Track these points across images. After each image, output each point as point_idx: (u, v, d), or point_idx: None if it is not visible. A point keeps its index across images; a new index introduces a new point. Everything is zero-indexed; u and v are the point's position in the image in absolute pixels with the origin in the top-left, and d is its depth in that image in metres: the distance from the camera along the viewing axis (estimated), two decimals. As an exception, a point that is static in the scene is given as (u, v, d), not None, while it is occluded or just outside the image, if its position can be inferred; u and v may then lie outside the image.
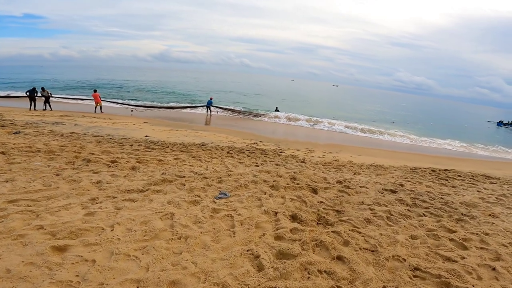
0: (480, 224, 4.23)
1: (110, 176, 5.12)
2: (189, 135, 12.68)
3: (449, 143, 18.27)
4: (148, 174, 5.43)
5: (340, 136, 18.27)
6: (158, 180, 4.96)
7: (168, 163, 6.63)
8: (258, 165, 7.14)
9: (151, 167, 6.11)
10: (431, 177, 8.14)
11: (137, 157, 6.77)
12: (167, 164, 6.55)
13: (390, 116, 34.81)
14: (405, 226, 3.99)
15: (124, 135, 10.38)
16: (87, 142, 8.16)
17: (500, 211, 5.00)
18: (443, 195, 5.95)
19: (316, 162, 8.65)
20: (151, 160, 6.66)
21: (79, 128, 11.35)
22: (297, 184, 5.50)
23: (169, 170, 5.86)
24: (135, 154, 7.18)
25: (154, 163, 6.48)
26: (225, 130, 15.68)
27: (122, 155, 6.78)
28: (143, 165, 6.15)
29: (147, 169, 5.82)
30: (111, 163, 5.98)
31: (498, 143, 21.64)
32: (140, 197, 4.21)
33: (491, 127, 38.70)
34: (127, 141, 9.05)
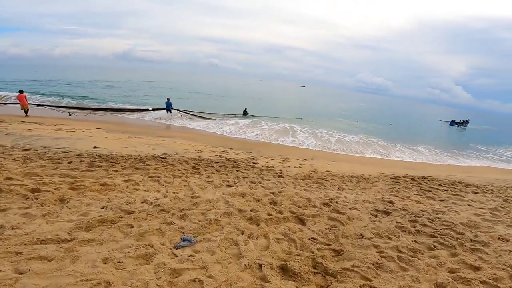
0: (500, 254, 3.59)
1: (21, 216, 3.66)
2: (149, 143, 11.14)
3: (410, 147, 18.24)
4: (80, 210, 4.03)
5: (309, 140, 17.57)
6: (94, 221, 3.63)
7: (115, 188, 5.19)
8: (230, 184, 5.99)
9: (89, 196, 4.65)
10: (414, 188, 7.62)
11: (72, 181, 5.21)
12: (113, 190, 5.11)
13: (356, 117, 35.47)
14: (424, 269, 3.17)
15: (65, 147, 8.61)
16: (10, 160, 6.41)
17: (505, 232, 4.46)
18: (438, 213, 5.37)
19: (295, 175, 7.72)
20: (91, 184, 5.15)
21: (10, 139, 9.32)
22: (279, 212, 4.50)
23: (113, 201, 4.49)
24: (71, 176, 5.61)
25: (95, 189, 5.01)
26: (192, 136, 14.29)
27: (52, 179, 5.20)
28: (78, 194, 4.69)
29: (82, 201, 4.38)
30: (30, 193, 4.44)
31: (453, 145, 22.57)
32: (60, 252, 2.90)
33: (444, 127, 41.11)
34: (66, 156, 7.38)
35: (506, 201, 6.76)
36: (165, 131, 15.79)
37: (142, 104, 24.69)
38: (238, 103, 31.75)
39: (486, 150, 22.23)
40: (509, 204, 6.38)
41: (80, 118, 16.87)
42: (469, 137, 31.85)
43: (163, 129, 16.47)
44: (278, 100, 49.76)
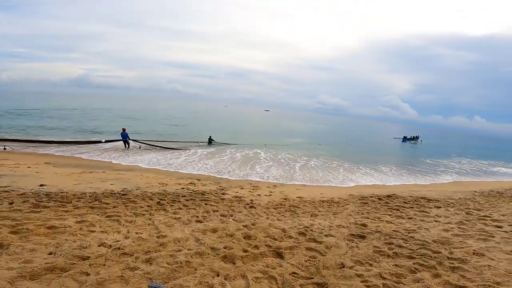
0: (481, 271, 3.61)
1: None
2: (107, 178, 10.24)
3: (373, 168, 18.92)
4: (22, 257, 3.40)
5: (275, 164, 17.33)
6: (40, 268, 3.06)
7: (65, 231, 4.52)
8: (200, 219, 5.55)
9: (33, 241, 3.98)
10: (382, 207, 7.76)
11: (13, 224, 4.47)
12: (62, 233, 4.44)
13: (318, 139, 36.73)
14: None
15: (7, 186, 7.54)
16: None
17: (478, 246, 4.57)
18: (410, 232, 5.42)
19: (266, 204, 7.48)
20: (37, 228, 4.44)
21: None
22: (255, 247, 4.18)
23: (63, 245, 3.88)
24: (12, 218, 4.81)
25: (41, 233, 4.32)
26: (154, 169, 13.50)
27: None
28: (20, 239, 4.00)
29: (24, 247, 3.73)
30: None
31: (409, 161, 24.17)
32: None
33: (398, 143, 44.13)
34: (7, 195, 6.43)
35: (468, 213, 7.11)
36: (124, 164, 14.71)
37: (98, 134, 22.73)
38: (203, 130, 31.31)
39: (437, 163, 24.12)
40: (472, 217, 6.70)
41: (23, 151, 15.19)
42: (421, 151, 34.59)
43: (120, 162, 15.35)
44: (243, 125, 49.96)
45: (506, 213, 7.18)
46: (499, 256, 4.06)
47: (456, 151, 40.16)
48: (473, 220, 6.35)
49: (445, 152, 36.71)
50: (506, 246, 4.50)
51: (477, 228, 5.66)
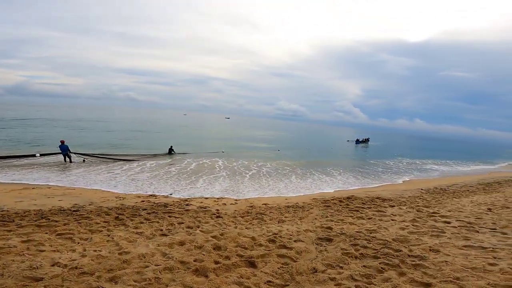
0: (440, 267, 3.86)
1: None
2: (54, 193, 9.25)
3: (326, 171, 19.72)
4: None
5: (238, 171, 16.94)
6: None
7: (11, 251, 3.99)
8: (165, 233, 5.24)
9: (-28, 267, 3.46)
10: (344, 209, 8.11)
11: None
12: (7, 253, 3.91)
13: (276, 144, 37.49)
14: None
15: None
16: None
17: (433, 243, 4.94)
18: (371, 232, 5.71)
19: (233, 213, 7.35)
20: None
21: None
22: (226, 258, 4.06)
23: (10, 266, 3.40)
24: None
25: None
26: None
27: None
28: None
29: None
30: None
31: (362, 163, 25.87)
32: None
33: (351, 146, 46.89)
34: None
35: (419, 211, 7.72)
36: (73, 177, 13.26)
37: (37, 147, 19.18)
38: (162, 140, 30.00)
39: (388, 164, 26.11)
40: (423, 214, 7.28)
41: None
42: (372, 153, 37.27)
43: (71, 174, 13.82)
44: (204, 134, 48.87)
45: (451, 209, 7.94)
46: (454, 251, 4.44)
47: (398, 151, 44.19)
48: (424, 217, 6.90)
49: (391, 152, 40.55)
50: (457, 241, 4.94)
51: (429, 225, 6.16)
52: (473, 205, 8.74)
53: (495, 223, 6.37)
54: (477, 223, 6.31)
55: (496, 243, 4.87)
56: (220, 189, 11.75)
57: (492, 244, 4.77)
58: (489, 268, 3.73)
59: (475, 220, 6.59)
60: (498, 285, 3.22)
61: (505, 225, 6.21)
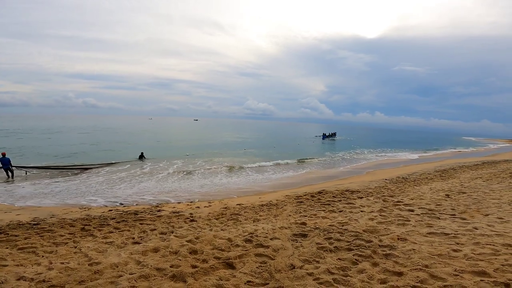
0: (408, 255, 4.08)
1: None
2: (11, 208, 8.48)
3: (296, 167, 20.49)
4: None
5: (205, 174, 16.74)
6: None
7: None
8: (137, 241, 5.01)
9: None
10: (316, 204, 8.31)
11: None
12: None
13: (243, 144, 37.53)
14: (361, 286, 3.28)
15: None
16: None
17: (400, 232, 5.21)
18: (343, 225, 5.91)
19: (207, 215, 7.22)
20: None
21: None
22: (204, 261, 4.00)
23: None
24: None
25: None
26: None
27: None
28: None
29: None
30: None
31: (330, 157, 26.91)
32: None
33: (318, 141, 48.27)
34: None
35: (385, 201, 8.13)
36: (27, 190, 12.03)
37: None
38: (129, 147, 28.57)
39: (352, 156, 27.68)
40: (388, 204, 7.68)
41: None
42: (339, 147, 38.83)
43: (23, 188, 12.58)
44: (171, 137, 47.27)
45: (413, 197, 8.48)
46: (419, 239, 4.73)
47: (362, 143, 46.82)
48: (390, 207, 7.30)
49: (356, 144, 43.22)
50: (422, 229, 5.28)
51: (395, 214, 6.52)
52: (432, 192, 9.39)
53: (454, 208, 6.90)
54: (438, 210, 6.79)
55: (457, 228, 5.27)
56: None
57: (454, 230, 5.15)
58: (453, 254, 4.02)
59: (435, 207, 7.09)
60: (465, 271, 3.46)
61: (463, 210, 6.75)
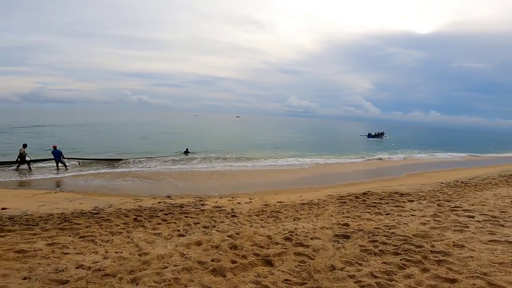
0: (465, 262, 3.71)
1: None
2: (75, 197, 9.56)
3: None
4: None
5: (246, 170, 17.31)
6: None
7: (36, 254, 4.14)
8: (182, 233, 5.31)
9: (3, 266, 3.65)
10: (361, 205, 7.96)
11: None
12: (33, 256, 4.07)
13: (276, 141, 37.54)
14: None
15: (-39, 214, 6.82)
16: None
17: (456, 238, 4.76)
18: (390, 228, 5.56)
19: (248, 212, 7.36)
20: (4, 253, 4.09)
21: None
22: (243, 257, 4.06)
23: (37, 269, 3.53)
24: (-26, 246, 4.39)
25: (10, 257, 3.96)
26: (123, 184, 12.73)
27: None
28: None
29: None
30: None
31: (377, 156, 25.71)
32: None
33: (362, 140, 46.05)
34: (-36, 223, 5.81)
35: (440, 205, 7.48)
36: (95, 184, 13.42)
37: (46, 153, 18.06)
38: (177, 142, 30.40)
39: (401, 156, 26.28)
40: (444, 208, 7.04)
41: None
42: (385, 146, 36.76)
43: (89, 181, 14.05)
44: (213, 134, 49.23)
45: (474, 203, 7.66)
46: (479, 246, 4.27)
47: (414, 144, 43.30)
48: (446, 212, 6.68)
49: (407, 145, 40.02)
50: (482, 236, 4.76)
51: (451, 220, 5.95)
52: (496, 198, 8.40)
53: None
54: (502, 217, 6.05)
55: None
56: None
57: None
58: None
59: (499, 214, 6.32)
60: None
61: (532, 218, 5.94)
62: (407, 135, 76.42)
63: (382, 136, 52.48)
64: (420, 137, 75.62)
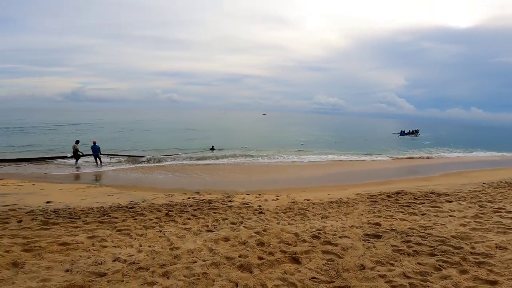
0: (508, 264, 3.47)
1: None
2: (112, 192, 10.14)
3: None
4: (39, 275, 3.31)
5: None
6: (59, 287, 2.94)
7: (78, 247, 4.43)
8: (210, 229, 5.44)
9: (47, 258, 3.91)
10: (393, 205, 7.64)
11: (25, 242, 4.42)
12: (75, 249, 4.35)
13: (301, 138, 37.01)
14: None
15: (14, 204, 7.45)
16: None
17: (499, 240, 4.43)
18: (426, 229, 5.28)
19: (275, 209, 7.35)
20: (49, 245, 4.37)
21: None
22: (270, 254, 4.07)
23: (78, 262, 3.78)
24: (23, 236, 4.77)
25: (54, 249, 4.25)
26: (158, 178, 13.35)
27: (0, 241, 4.40)
28: (34, 257, 3.92)
29: (40, 264, 3.64)
30: None
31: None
32: None
33: (394, 138, 43.98)
34: (15, 214, 6.36)
35: (482, 206, 6.97)
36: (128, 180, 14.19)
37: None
38: (203, 138, 31.32)
39: (438, 155, 24.94)
40: (486, 210, 6.56)
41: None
42: (420, 145, 34.92)
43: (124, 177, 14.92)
44: (240, 131, 49.95)
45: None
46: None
47: (453, 142, 40.44)
48: (488, 213, 6.21)
49: (445, 143, 37.72)
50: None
51: (494, 221, 5.53)
52: (547, 200, 7.67)
53: None
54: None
55: None
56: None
57: None
58: None
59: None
60: None
61: None
62: (444, 133, 71.94)
63: (416, 134, 49.86)
64: (458, 134, 70.96)
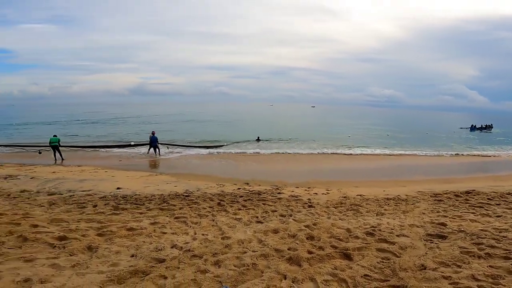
0: None
1: (50, 267, 3.40)
2: (170, 180, 10.90)
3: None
4: (110, 260, 3.70)
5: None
6: (125, 272, 3.27)
7: (142, 232, 4.82)
8: (260, 220, 5.53)
9: (116, 243, 4.36)
10: (462, 205, 6.87)
11: (99, 227, 4.98)
12: (140, 234, 4.74)
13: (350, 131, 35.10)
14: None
15: (90, 189, 8.49)
16: (36, 206, 6.30)
17: None
18: (501, 231, 4.69)
19: (325, 203, 7.15)
20: (118, 230, 4.86)
21: (35, 183, 9.30)
22: (320, 248, 3.99)
23: (142, 247, 4.14)
24: (97, 220, 5.39)
25: (122, 234, 4.70)
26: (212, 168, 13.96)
27: (79, 225, 5.01)
28: (106, 241, 4.40)
29: (110, 249, 4.07)
30: (57, 241, 4.20)
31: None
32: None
33: (461, 133, 38.91)
34: (91, 199, 7.23)
35: None
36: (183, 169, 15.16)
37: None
38: (252, 130, 32.03)
39: None
40: None
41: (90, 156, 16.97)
42: (496, 141, 30.49)
43: (180, 165, 15.84)
44: (289, 123, 49.69)
45: None
46: None
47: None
48: None
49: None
50: None
51: None
52: None
53: None
54: None
55: None
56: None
57: None
58: None
59: None
60: None
61: None
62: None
63: (490, 129, 43.57)
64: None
